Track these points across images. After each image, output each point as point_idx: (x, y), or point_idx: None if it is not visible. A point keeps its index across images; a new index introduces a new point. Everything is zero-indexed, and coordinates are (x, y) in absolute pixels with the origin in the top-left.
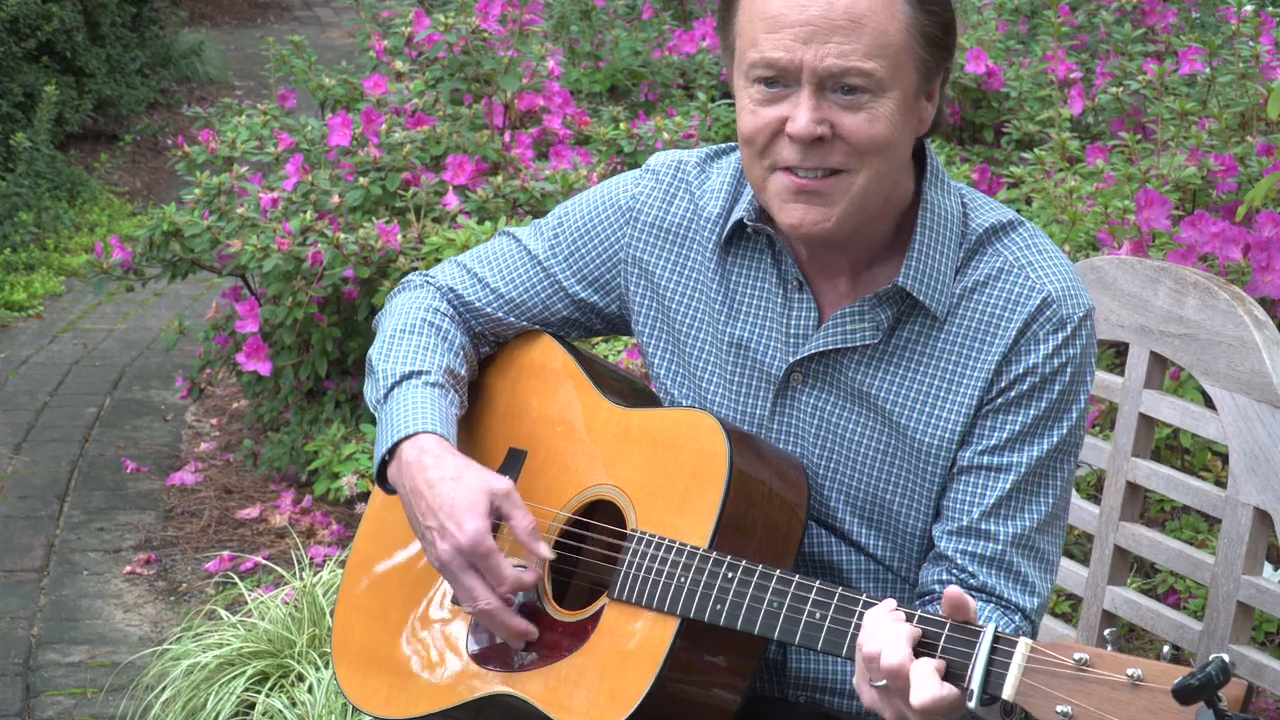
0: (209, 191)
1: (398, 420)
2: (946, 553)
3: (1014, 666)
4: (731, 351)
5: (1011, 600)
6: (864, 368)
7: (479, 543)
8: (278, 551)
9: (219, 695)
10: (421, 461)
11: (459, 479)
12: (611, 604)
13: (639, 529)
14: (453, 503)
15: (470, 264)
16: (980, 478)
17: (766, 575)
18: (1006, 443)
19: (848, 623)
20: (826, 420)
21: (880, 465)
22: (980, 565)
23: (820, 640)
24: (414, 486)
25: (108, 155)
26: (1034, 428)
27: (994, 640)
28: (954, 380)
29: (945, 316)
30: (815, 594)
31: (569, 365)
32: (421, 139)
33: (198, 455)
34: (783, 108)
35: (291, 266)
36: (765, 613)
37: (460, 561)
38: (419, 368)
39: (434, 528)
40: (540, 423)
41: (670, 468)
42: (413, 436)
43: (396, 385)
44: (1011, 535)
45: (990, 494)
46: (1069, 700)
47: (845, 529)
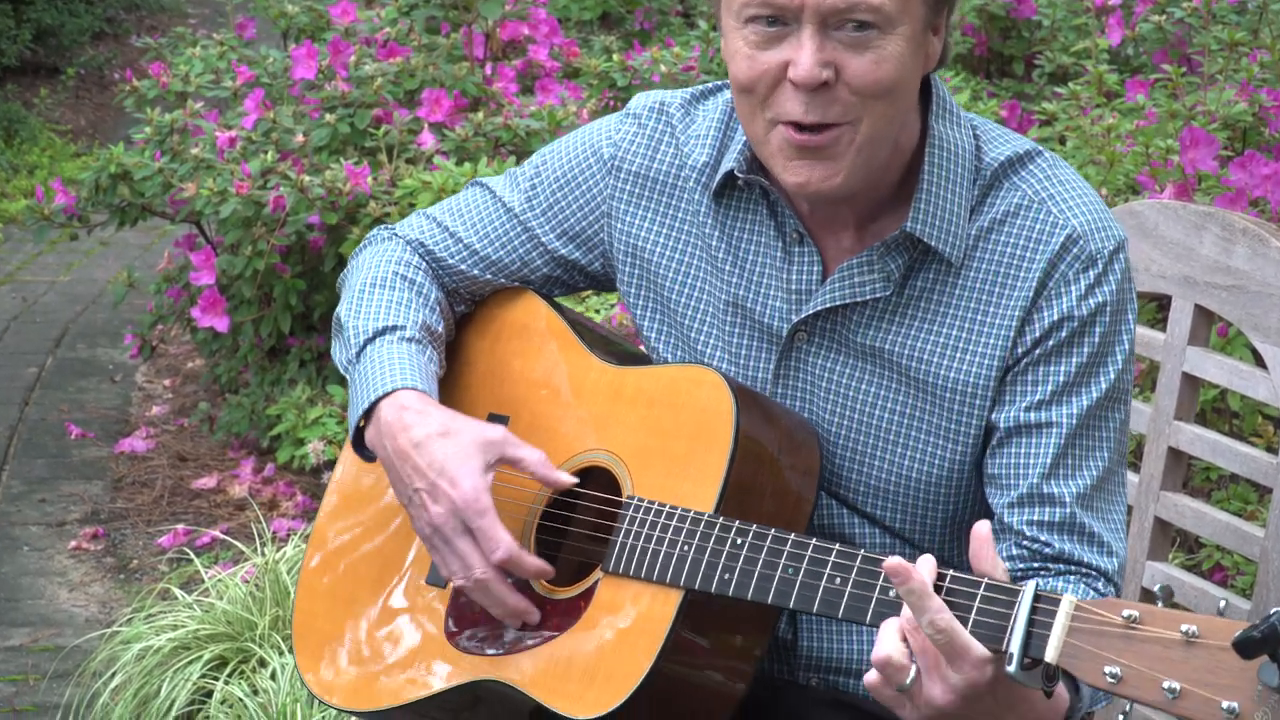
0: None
1: (373, 379)
2: (1013, 525)
3: (1057, 626)
4: (729, 311)
5: (1092, 564)
6: (876, 323)
7: (475, 499)
8: (237, 525)
9: (173, 682)
10: (403, 420)
11: (448, 435)
12: (606, 578)
13: (636, 495)
14: (444, 460)
15: (440, 217)
16: (1031, 436)
17: (780, 539)
18: (1053, 396)
19: (871, 585)
20: (837, 383)
21: (899, 429)
22: (1052, 533)
23: (841, 607)
24: (397, 448)
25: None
26: (1079, 377)
27: (1034, 599)
28: (976, 330)
29: (961, 262)
30: (835, 557)
31: (554, 323)
32: (394, 72)
33: (149, 420)
34: (783, 50)
35: (251, 212)
36: (780, 580)
37: (454, 524)
38: (393, 323)
39: (423, 489)
40: (523, 385)
41: (669, 429)
42: (390, 394)
43: (369, 343)
44: (1076, 494)
45: (1045, 452)
46: (1118, 660)
47: (860, 502)
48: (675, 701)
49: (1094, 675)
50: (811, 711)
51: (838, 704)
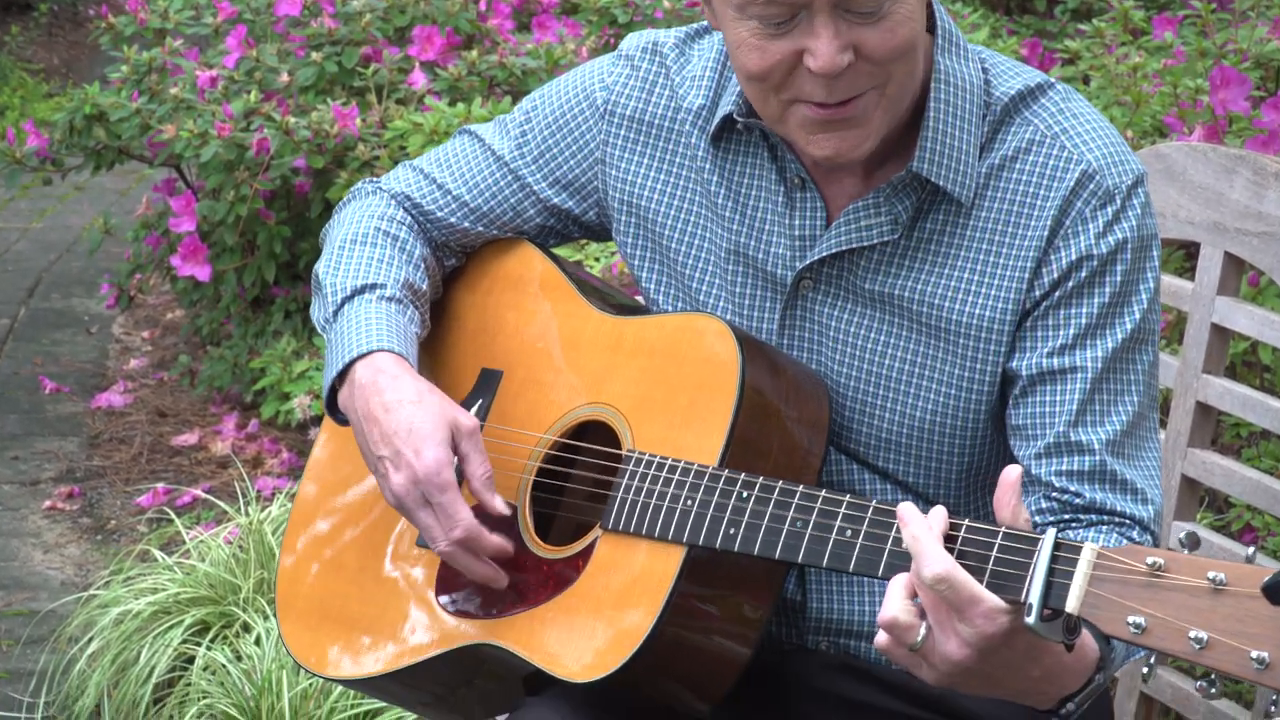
0: (138, 69)
1: (349, 339)
2: (1041, 477)
3: (1078, 575)
4: (730, 260)
5: (1126, 512)
6: (884, 267)
7: (436, 473)
8: (220, 484)
9: (153, 648)
10: (377, 383)
11: (420, 403)
12: (605, 536)
13: (636, 449)
14: (410, 428)
15: (427, 168)
16: (1055, 383)
17: (788, 490)
18: (1075, 339)
19: (884, 537)
20: (845, 331)
21: (910, 377)
22: (1082, 482)
23: (852, 560)
24: (368, 411)
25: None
26: (1102, 318)
27: (1054, 547)
28: (989, 271)
29: (972, 202)
30: (846, 508)
31: (550, 274)
32: (384, 8)
33: (126, 373)
34: (795, 38)
35: (233, 155)
36: (788, 533)
37: (416, 496)
38: (372, 281)
39: (388, 457)
40: (518, 338)
41: (672, 379)
42: (366, 356)
43: (347, 301)
44: (1105, 440)
45: (1070, 399)
46: (1142, 610)
47: (870, 455)
48: (678, 665)
49: (1117, 626)
50: (821, 676)
51: (848, 669)
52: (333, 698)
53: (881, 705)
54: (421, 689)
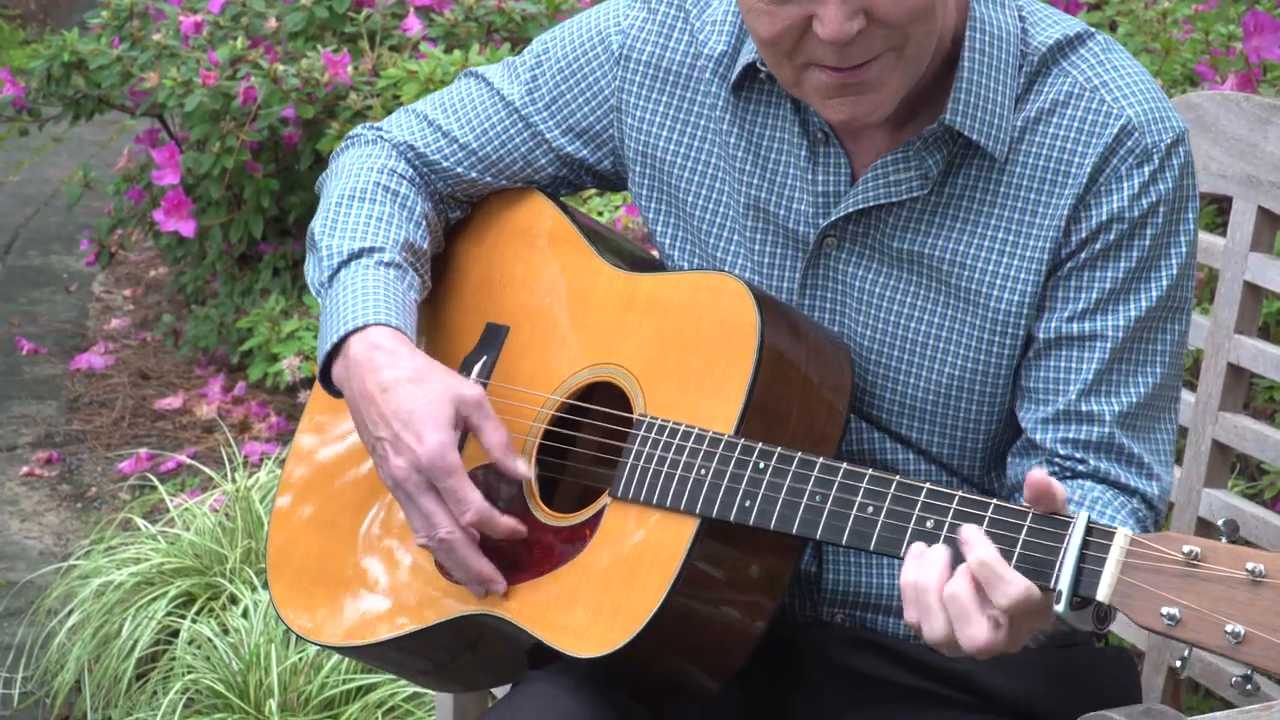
0: (118, 14)
1: (345, 309)
2: (1043, 444)
3: (1110, 562)
4: (748, 215)
5: (1130, 485)
6: (912, 225)
7: (440, 457)
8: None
9: (136, 620)
10: (373, 360)
11: (419, 381)
12: (614, 504)
13: (647, 414)
14: (410, 409)
15: (430, 113)
16: (1072, 349)
17: (807, 463)
18: (1098, 304)
19: (907, 515)
20: (869, 292)
21: (937, 341)
22: (1086, 451)
23: (874, 539)
24: (364, 390)
25: None
26: (1128, 284)
27: (1086, 531)
28: (1023, 231)
29: (1005, 156)
30: (868, 483)
31: (561, 226)
32: None
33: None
34: (803, 3)
35: (219, 105)
36: (806, 508)
37: (417, 481)
38: (371, 244)
39: (387, 439)
40: (526, 292)
41: (687, 341)
42: (363, 329)
43: (343, 265)
44: (1117, 413)
45: (1086, 367)
46: (1176, 601)
47: (894, 422)
48: (688, 640)
49: (1150, 617)
50: (837, 650)
51: (865, 642)
52: (323, 672)
53: (900, 680)
54: (420, 657)
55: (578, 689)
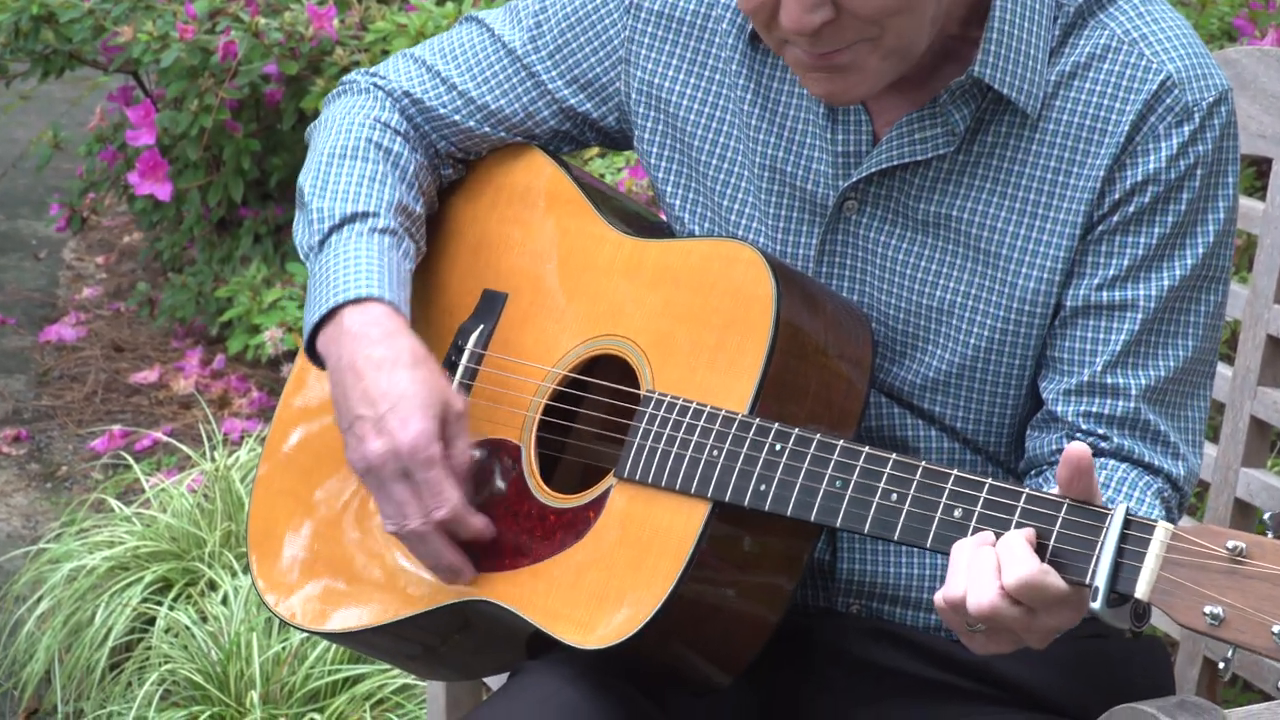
0: None
1: (339, 277)
2: (1065, 417)
3: (1150, 557)
4: (765, 176)
5: (1155, 464)
6: (939, 186)
7: (425, 446)
8: (182, 426)
9: (110, 607)
10: (369, 335)
11: (415, 368)
12: (620, 485)
13: (656, 390)
14: (400, 392)
15: (429, 59)
16: (1100, 319)
17: (826, 445)
18: (1129, 271)
19: (934, 504)
20: (892, 258)
21: (963, 309)
22: (1110, 426)
23: (898, 528)
24: (352, 363)
25: None
26: (1162, 250)
27: (1124, 525)
28: (1055, 192)
29: (1038, 113)
30: (891, 468)
31: (563, 186)
32: None
33: (79, 304)
34: None
35: (197, 60)
36: (825, 494)
37: (393, 469)
38: (364, 208)
39: (368, 418)
40: (525, 257)
41: (698, 313)
42: (358, 303)
43: (335, 230)
44: (1144, 387)
45: (1115, 338)
46: (1220, 599)
47: (918, 397)
48: (698, 631)
49: (1191, 616)
50: (852, 642)
51: (881, 633)
52: (308, 663)
53: (918, 673)
54: (411, 644)
55: (579, 680)
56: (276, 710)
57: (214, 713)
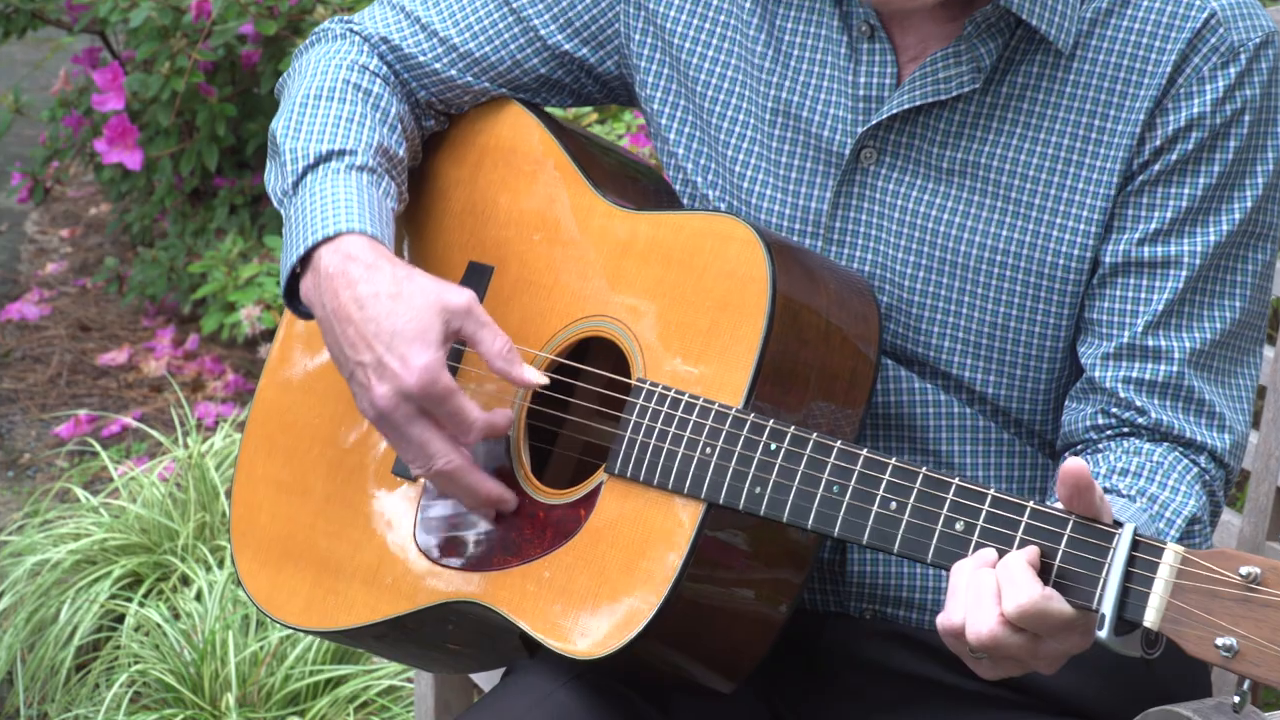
0: None
1: (313, 216)
2: (1103, 383)
3: (1159, 583)
4: (776, 123)
5: (1196, 439)
6: (965, 130)
7: (433, 381)
8: (153, 410)
9: (76, 604)
10: (348, 273)
11: (399, 295)
12: (611, 481)
13: (648, 379)
14: (393, 328)
15: (409, 5)
16: (1140, 277)
17: (823, 447)
18: (1172, 225)
19: (934, 515)
20: (913, 210)
21: (991, 264)
22: (1150, 395)
23: (897, 540)
24: (338, 308)
25: None
26: (1207, 203)
27: (1132, 546)
28: (1090, 138)
29: (1072, 51)
30: (890, 474)
31: (550, 147)
32: None
33: (42, 280)
34: None
35: (168, 20)
36: (822, 500)
37: (407, 409)
38: (341, 146)
39: (368, 363)
40: (511, 227)
41: (689, 296)
42: (334, 239)
43: (310, 170)
44: (1190, 350)
45: (1156, 298)
46: (1233, 630)
47: (945, 363)
48: (696, 637)
49: (1203, 648)
50: (864, 646)
51: (895, 637)
52: (287, 663)
53: (938, 677)
54: (401, 640)
55: (575, 682)
56: (254, 713)
57: (187, 716)
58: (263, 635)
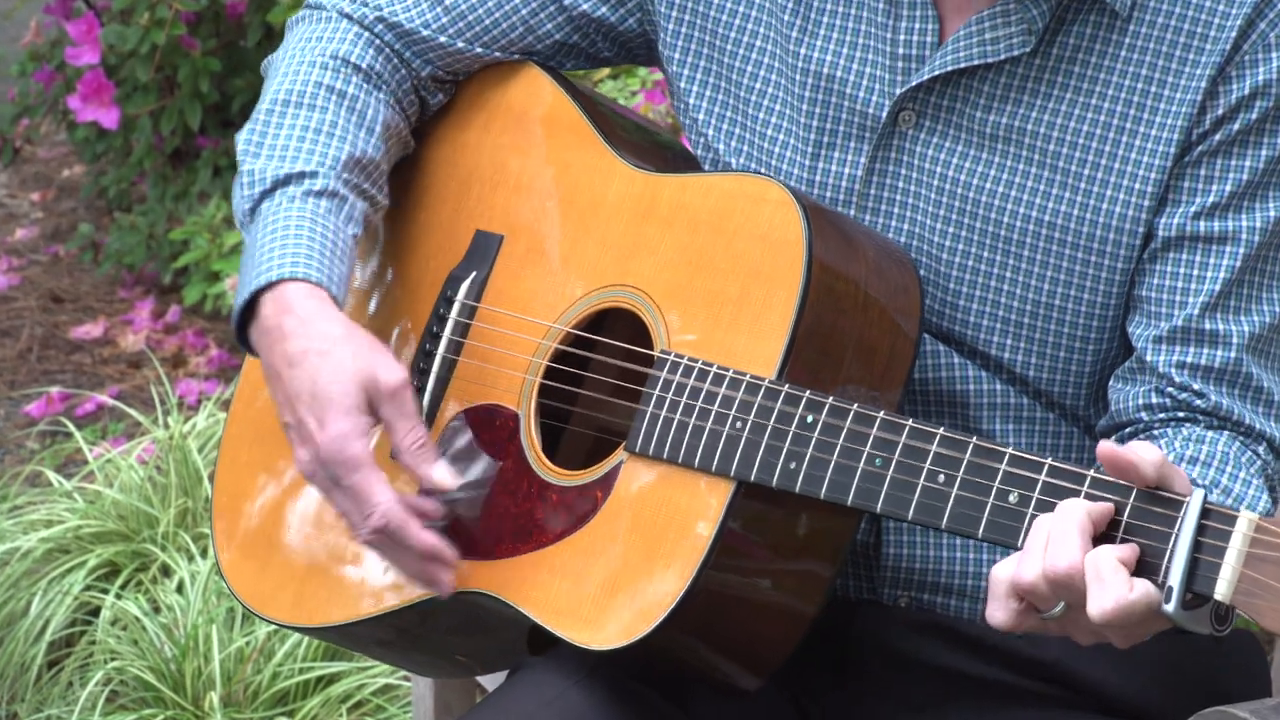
0: None
1: (260, 257)
2: (1155, 365)
3: (1231, 552)
4: (807, 85)
5: (1255, 427)
6: (1011, 95)
7: (339, 450)
8: (131, 388)
9: (48, 596)
10: (282, 327)
11: (327, 353)
12: (631, 460)
13: (672, 350)
14: (312, 392)
15: None
16: (1195, 252)
17: (865, 417)
18: (1231, 199)
19: (986, 487)
20: (953, 179)
21: (1036, 238)
22: (1208, 381)
23: (945, 514)
24: (271, 364)
25: None
26: (1269, 176)
27: (1202, 514)
28: (1147, 105)
29: (1129, 12)
30: (939, 445)
31: (565, 110)
32: None
33: (11, 247)
34: None
35: None
36: (863, 474)
37: (323, 477)
38: (301, 168)
39: (291, 425)
40: (522, 194)
41: (719, 261)
42: (275, 285)
43: (266, 196)
44: (1249, 335)
45: (1213, 275)
46: None
47: (984, 343)
48: (722, 628)
49: (1278, 620)
50: (901, 637)
51: (934, 628)
52: (275, 660)
53: (978, 673)
54: (396, 638)
55: (588, 681)
56: (240, 714)
57: (168, 716)
58: (249, 630)
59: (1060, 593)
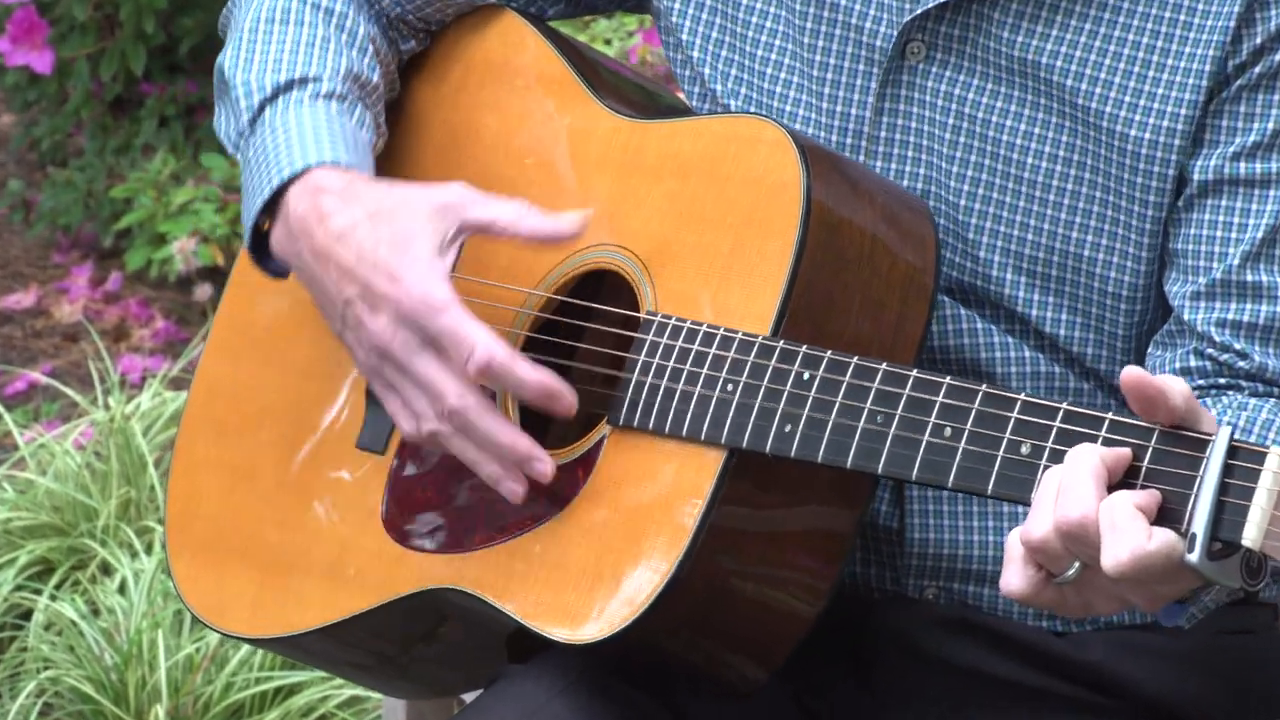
0: None
1: (274, 156)
2: (1195, 326)
3: (1261, 492)
4: (809, 15)
5: None
6: (1025, 25)
7: (427, 293)
8: (67, 363)
9: None
10: (320, 208)
11: (378, 213)
12: (615, 434)
13: (659, 311)
14: (375, 249)
15: None
16: (1235, 199)
17: (866, 370)
18: (1273, 139)
19: (996, 439)
20: (969, 115)
21: (1064, 181)
22: (1251, 339)
23: (952, 471)
24: (315, 248)
25: None
26: None
27: (1228, 452)
28: (1175, 35)
29: None
30: (945, 395)
31: (546, 58)
32: None
33: None
34: None
35: None
36: (864, 433)
37: (407, 338)
38: (302, 73)
39: (356, 297)
40: (500, 150)
41: (709, 211)
42: (301, 175)
43: (267, 104)
44: None
45: (1254, 223)
46: None
47: (1009, 298)
48: (717, 616)
49: None
50: (928, 635)
51: (963, 624)
52: (229, 669)
53: (1010, 675)
54: (362, 650)
55: (574, 689)
56: None
57: None
58: (199, 636)
59: (1073, 546)
